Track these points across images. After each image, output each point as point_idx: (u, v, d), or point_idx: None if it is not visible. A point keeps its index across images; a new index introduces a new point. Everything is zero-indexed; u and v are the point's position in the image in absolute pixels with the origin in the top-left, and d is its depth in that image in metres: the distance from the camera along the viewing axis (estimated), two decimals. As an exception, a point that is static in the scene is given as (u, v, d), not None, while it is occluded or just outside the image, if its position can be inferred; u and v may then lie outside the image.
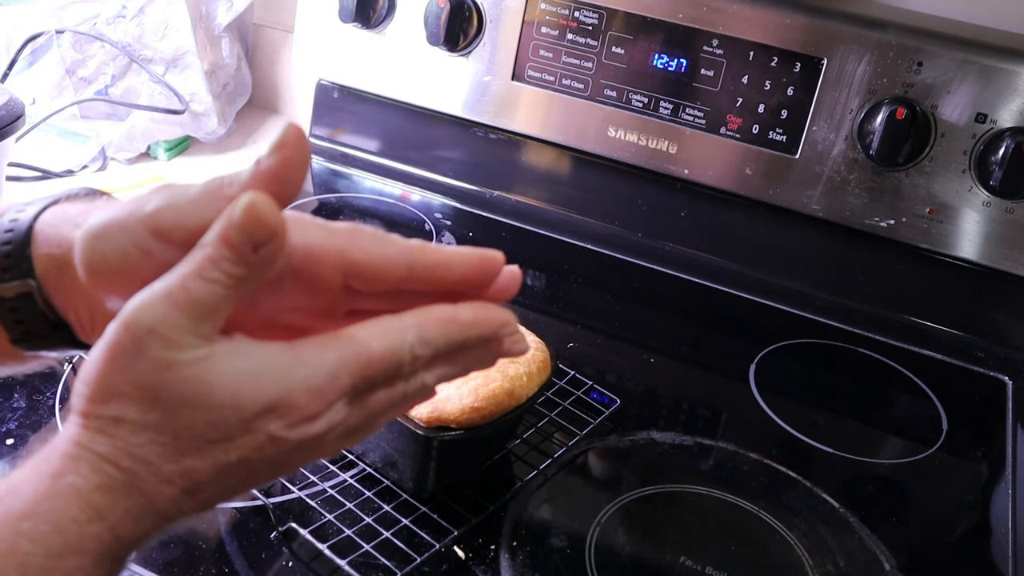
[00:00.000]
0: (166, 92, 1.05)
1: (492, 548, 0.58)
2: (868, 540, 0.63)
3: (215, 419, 0.34)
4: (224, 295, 0.34)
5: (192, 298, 0.33)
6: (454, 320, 0.38)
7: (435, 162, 1.05)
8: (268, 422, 0.35)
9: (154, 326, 0.33)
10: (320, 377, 0.35)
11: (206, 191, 0.36)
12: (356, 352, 0.36)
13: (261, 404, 0.34)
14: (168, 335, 0.33)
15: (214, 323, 0.34)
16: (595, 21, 0.91)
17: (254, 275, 0.34)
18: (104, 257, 0.36)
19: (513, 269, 0.41)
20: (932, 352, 0.86)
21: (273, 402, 0.35)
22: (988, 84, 0.79)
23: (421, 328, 0.37)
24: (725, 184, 0.91)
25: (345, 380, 0.35)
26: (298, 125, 0.36)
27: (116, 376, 0.34)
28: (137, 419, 0.34)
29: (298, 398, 0.35)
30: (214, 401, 0.34)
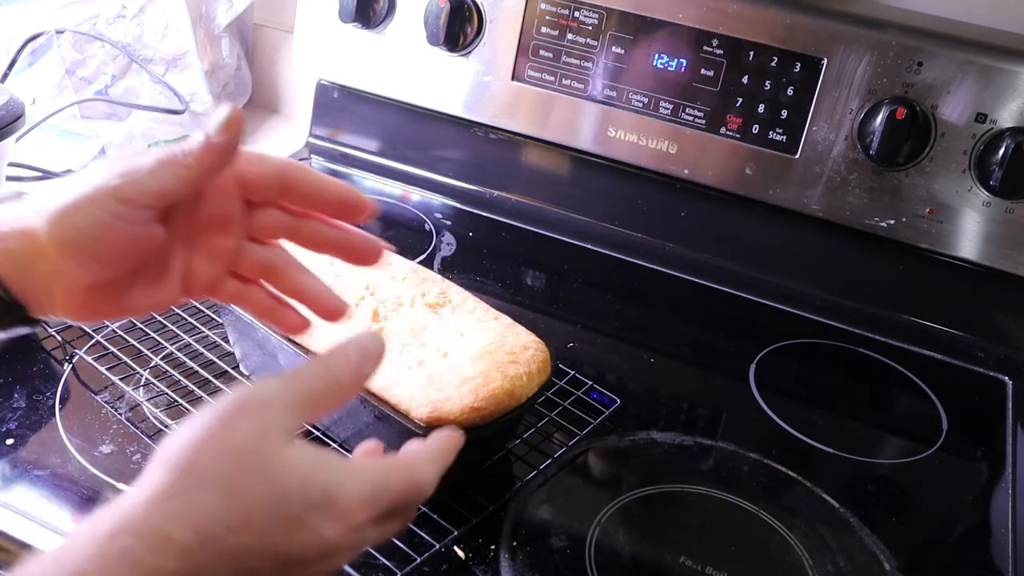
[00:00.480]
0: (166, 92, 1.05)
1: (492, 548, 0.58)
2: (868, 540, 0.63)
3: (281, 499, 0.38)
4: (326, 395, 0.41)
5: (305, 387, 0.41)
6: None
7: (435, 162, 1.05)
8: (321, 519, 0.39)
9: (274, 396, 0.40)
10: (369, 490, 0.40)
11: (163, 162, 0.43)
12: (406, 476, 0.42)
13: (320, 496, 0.39)
14: (278, 407, 0.40)
15: (309, 416, 0.41)
16: (595, 21, 0.91)
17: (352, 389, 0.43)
18: (78, 228, 0.43)
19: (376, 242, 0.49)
20: (932, 352, 0.86)
21: (329, 497, 0.39)
22: (988, 84, 0.79)
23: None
24: (725, 184, 0.91)
25: (386, 501, 0.41)
26: (238, 108, 0.44)
27: (208, 442, 0.38)
28: (217, 476, 0.37)
29: (348, 502, 0.39)
30: (286, 479, 0.38)
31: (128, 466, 0.62)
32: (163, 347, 0.71)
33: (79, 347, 0.71)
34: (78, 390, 0.69)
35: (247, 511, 0.37)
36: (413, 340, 0.59)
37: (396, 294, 0.63)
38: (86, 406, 0.67)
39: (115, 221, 0.43)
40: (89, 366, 0.69)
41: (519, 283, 0.93)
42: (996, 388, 0.83)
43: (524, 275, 0.95)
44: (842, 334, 0.87)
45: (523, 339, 0.62)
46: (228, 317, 0.68)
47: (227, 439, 0.38)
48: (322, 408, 0.42)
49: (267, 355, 0.65)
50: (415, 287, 0.64)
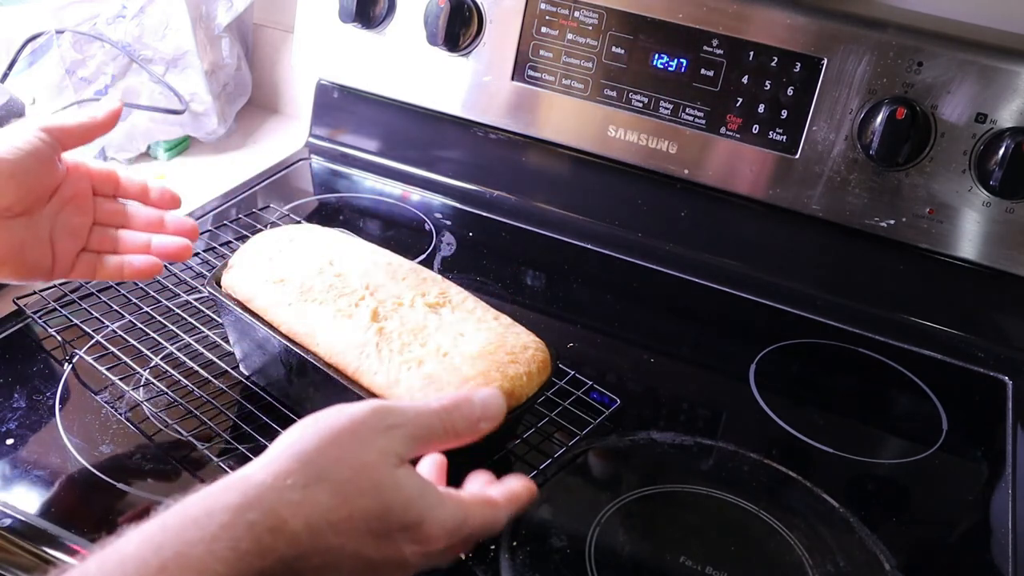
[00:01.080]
0: (166, 92, 1.05)
1: (492, 548, 0.58)
2: (868, 540, 0.63)
3: (383, 514, 0.42)
4: (442, 437, 0.46)
5: (428, 424, 0.46)
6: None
7: (435, 162, 1.05)
8: (407, 541, 0.43)
9: (401, 423, 0.45)
10: (452, 522, 0.45)
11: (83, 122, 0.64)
12: (484, 515, 0.47)
13: (415, 520, 0.43)
14: (401, 433, 0.44)
15: (420, 450, 0.46)
16: (595, 21, 0.91)
17: (464, 439, 0.48)
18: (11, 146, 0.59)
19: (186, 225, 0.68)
20: (932, 352, 0.86)
21: (420, 523, 0.43)
22: (988, 84, 0.79)
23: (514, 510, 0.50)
24: (725, 184, 0.91)
25: (464, 533, 0.45)
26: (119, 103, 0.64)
27: (348, 438, 0.43)
28: (335, 480, 0.41)
29: (434, 530, 0.44)
30: (392, 498, 0.43)
31: (128, 466, 0.62)
32: (163, 347, 0.71)
33: (79, 347, 0.71)
34: (78, 390, 0.69)
35: (352, 517, 0.41)
36: (413, 340, 0.59)
37: (396, 294, 0.63)
38: (86, 406, 0.67)
39: (39, 144, 0.60)
40: (89, 366, 0.69)
41: (519, 283, 0.93)
42: (996, 388, 0.83)
43: (524, 275, 0.95)
44: (842, 334, 0.87)
45: (523, 339, 0.62)
46: (228, 317, 0.68)
47: (354, 450, 0.43)
48: (433, 447, 0.47)
49: (267, 355, 0.65)
50: (415, 287, 0.64)
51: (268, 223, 0.90)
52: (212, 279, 0.67)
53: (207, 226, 0.91)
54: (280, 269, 0.65)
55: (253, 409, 0.66)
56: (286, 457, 0.42)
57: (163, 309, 0.75)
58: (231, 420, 0.65)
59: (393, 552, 0.43)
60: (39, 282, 0.72)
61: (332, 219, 0.99)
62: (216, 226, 0.91)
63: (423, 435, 0.46)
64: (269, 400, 0.67)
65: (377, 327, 0.60)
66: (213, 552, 0.37)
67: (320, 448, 0.42)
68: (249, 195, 1.00)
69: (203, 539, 0.37)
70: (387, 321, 0.60)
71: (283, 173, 1.06)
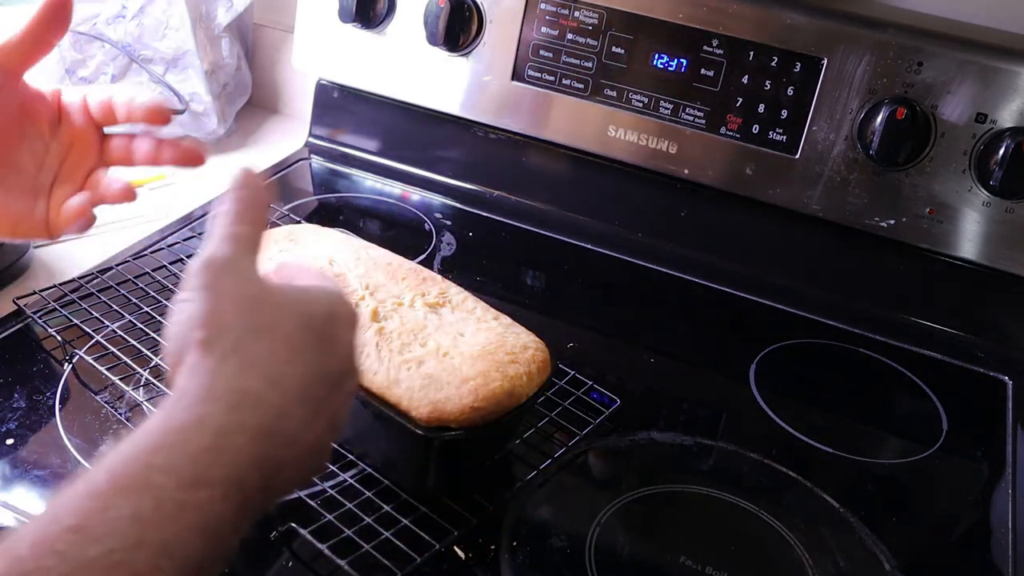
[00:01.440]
0: (166, 92, 1.05)
1: (492, 548, 0.58)
2: (868, 540, 0.63)
3: (307, 322, 0.42)
4: (254, 232, 0.45)
5: (239, 234, 0.44)
6: None
7: (435, 162, 1.05)
8: (340, 327, 0.44)
9: (228, 254, 0.43)
10: (340, 290, 0.46)
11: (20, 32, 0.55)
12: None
13: (326, 307, 0.44)
14: (239, 258, 0.43)
15: (256, 257, 0.44)
16: (595, 21, 0.91)
17: (262, 216, 0.46)
18: None
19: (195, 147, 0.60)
20: (932, 352, 0.86)
21: (332, 306, 0.44)
22: (988, 84, 0.79)
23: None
24: (725, 184, 0.91)
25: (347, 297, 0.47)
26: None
27: (219, 303, 0.41)
28: (249, 326, 0.40)
29: (345, 303, 0.45)
30: (298, 306, 0.43)
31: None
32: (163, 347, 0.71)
33: (79, 347, 0.71)
34: (78, 390, 0.69)
35: (289, 342, 0.41)
36: (413, 340, 0.59)
37: (396, 294, 0.63)
38: (86, 406, 0.67)
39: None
40: (89, 366, 0.69)
41: (519, 283, 0.93)
42: (996, 388, 0.83)
43: (524, 275, 0.95)
44: (842, 334, 0.87)
45: (523, 339, 0.62)
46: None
47: (231, 295, 0.41)
48: (257, 239, 0.45)
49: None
50: (415, 287, 0.64)
51: (268, 223, 0.90)
52: (212, 279, 0.67)
53: (207, 226, 0.91)
54: (280, 269, 0.65)
55: (253, 409, 0.65)
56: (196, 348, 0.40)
57: (163, 309, 0.75)
58: (231, 420, 0.65)
59: (343, 348, 0.44)
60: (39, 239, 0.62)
61: (332, 219, 0.99)
62: (216, 226, 0.91)
63: (245, 247, 0.44)
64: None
65: (377, 327, 0.60)
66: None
67: (210, 317, 0.40)
68: (249, 195, 1.00)
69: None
70: (387, 321, 0.60)
71: (283, 173, 1.06)
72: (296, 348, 0.41)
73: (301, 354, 0.41)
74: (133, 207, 0.94)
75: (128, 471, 0.35)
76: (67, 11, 0.56)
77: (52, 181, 0.58)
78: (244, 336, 0.40)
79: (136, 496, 0.34)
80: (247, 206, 0.45)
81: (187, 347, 0.40)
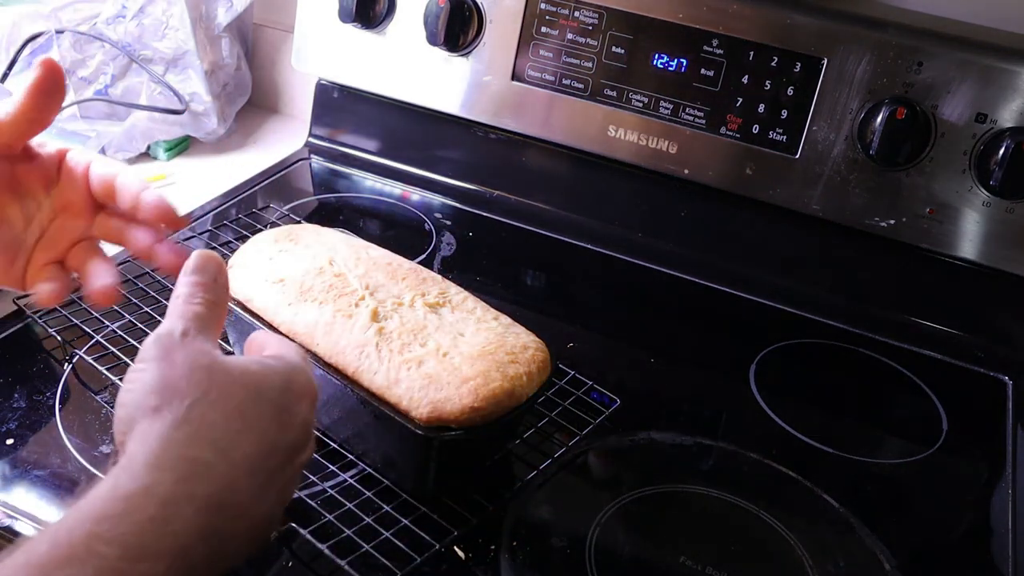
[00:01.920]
0: (166, 92, 1.05)
1: (492, 548, 0.58)
2: (868, 540, 0.63)
3: (260, 393, 0.42)
4: (211, 312, 0.45)
5: (194, 313, 0.44)
6: None
7: (435, 162, 1.05)
8: (295, 401, 0.44)
9: (183, 331, 0.43)
10: (303, 363, 0.47)
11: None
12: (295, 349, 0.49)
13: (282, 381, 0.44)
14: (194, 334, 0.43)
15: (214, 334, 0.45)
16: (595, 21, 0.91)
17: (221, 297, 0.47)
18: None
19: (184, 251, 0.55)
20: (932, 352, 0.86)
21: (288, 379, 0.44)
22: (988, 84, 0.79)
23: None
24: (725, 184, 0.91)
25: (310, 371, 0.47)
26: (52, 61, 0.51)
27: (172, 372, 0.41)
28: (202, 395, 0.40)
29: (305, 377, 0.45)
30: (252, 378, 0.42)
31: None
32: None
33: (79, 347, 0.71)
34: (78, 390, 0.69)
35: (242, 413, 0.40)
36: (413, 340, 0.59)
37: (396, 294, 0.63)
38: (86, 406, 0.67)
39: None
40: (89, 366, 0.69)
41: (519, 283, 0.93)
42: (996, 388, 0.83)
43: (524, 275, 0.95)
44: (842, 334, 0.87)
45: (523, 339, 0.62)
46: (228, 317, 0.68)
47: (184, 366, 0.41)
48: (218, 322, 0.47)
49: (267, 355, 0.65)
50: (415, 287, 0.64)
51: (268, 223, 0.90)
52: (212, 279, 0.67)
53: (207, 226, 0.91)
54: (280, 269, 0.65)
55: (253, 409, 0.65)
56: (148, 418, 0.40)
57: (163, 309, 0.75)
58: (231, 420, 0.65)
59: (297, 420, 0.43)
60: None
61: (332, 219, 0.99)
62: (216, 226, 0.91)
63: (197, 313, 0.45)
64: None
65: (377, 327, 0.60)
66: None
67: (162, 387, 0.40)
68: (249, 195, 1.00)
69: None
70: (387, 321, 0.60)
71: (283, 173, 1.06)
72: (248, 419, 0.41)
73: (254, 425, 0.41)
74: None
75: (71, 540, 0.34)
76: (60, 84, 0.52)
77: (37, 240, 0.56)
78: (195, 405, 0.40)
79: (78, 566, 0.33)
80: (204, 288, 0.46)
81: (138, 414, 0.40)
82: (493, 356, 0.59)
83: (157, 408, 0.39)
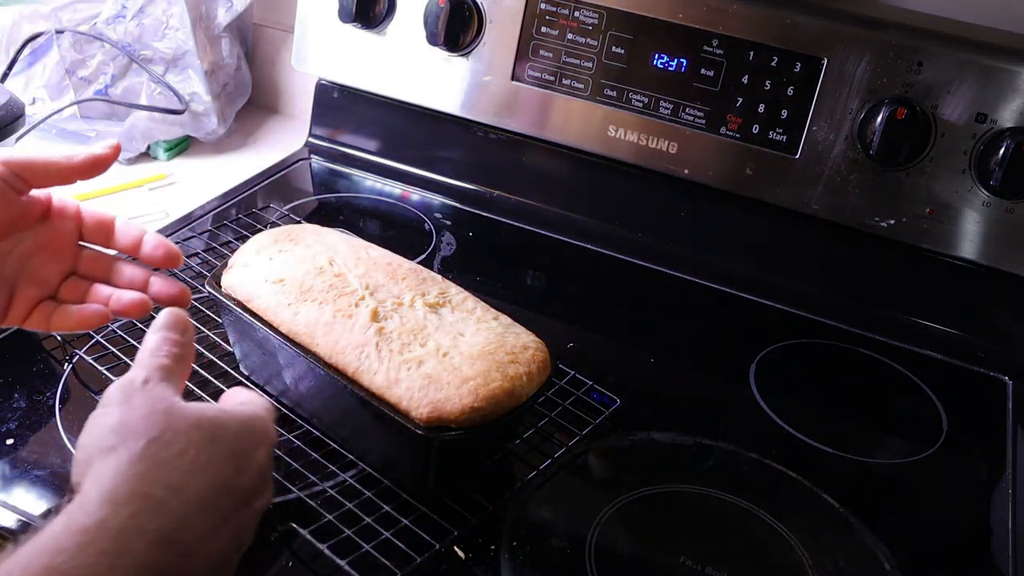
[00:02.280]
0: (166, 92, 1.05)
1: (492, 548, 0.58)
2: (868, 540, 0.63)
3: (216, 436, 0.44)
4: (175, 364, 0.47)
5: (158, 364, 0.46)
6: None
7: (435, 162, 1.05)
8: (253, 447, 0.45)
9: (145, 377, 0.45)
10: (266, 412, 0.49)
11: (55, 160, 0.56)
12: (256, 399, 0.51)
13: (240, 426, 0.45)
14: (156, 382, 0.45)
15: (176, 384, 0.47)
16: (595, 21, 0.91)
17: (187, 351, 0.49)
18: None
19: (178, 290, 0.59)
20: (932, 352, 0.86)
21: (247, 426, 0.46)
22: (988, 84, 0.79)
23: None
24: (725, 184, 0.91)
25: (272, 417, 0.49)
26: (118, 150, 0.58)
27: (130, 415, 0.43)
28: (158, 436, 0.42)
29: (264, 424, 0.47)
30: (209, 423, 0.44)
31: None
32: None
33: (79, 347, 0.71)
34: (78, 390, 0.69)
35: (197, 454, 0.42)
36: (413, 340, 0.59)
37: (396, 294, 0.63)
38: (86, 406, 0.67)
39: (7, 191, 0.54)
40: (89, 366, 0.69)
41: (519, 283, 0.93)
42: (996, 388, 0.83)
43: (524, 275, 0.95)
44: (842, 334, 0.87)
45: (523, 339, 0.62)
46: (228, 317, 0.68)
47: (143, 409, 0.43)
48: (182, 374, 0.49)
49: (266, 355, 0.65)
50: (415, 287, 0.64)
51: (268, 223, 0.90)
52: (212, 279, 0.67)
53: (207, 226, 0.91)
54: (280, 269, 0.65)
55: (253, 409, 0.66)
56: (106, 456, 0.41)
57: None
58: (231, 420, 0.65)
59: (253, 465, 0.45)
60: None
61: (332, 219, 0.99)
62: (216, 226, 0.91)
63: (162, 363, 0.47)
64: (268, 400, 0.67)
65: (377, 327, 0.60)
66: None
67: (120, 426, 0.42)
68: (249, 195, 1.00)
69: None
70: (387, 321, 0.60)
71: (283, 173, 1.06)
72: (203, 459, 0.42)
73: (207, 465, 0.42)
74: (133, 207, 0.95)
75: (27, 574, 0.35)
76: (106, 167, 0.57)
77: (17, 274, 0.57)
78: (151, 444, 0.41)
79: None
80: (172, 343, 0.48)
81: (95, 454, 0.41)
82: (493, 356, 0.59)
83: (113, 447, 0.41)
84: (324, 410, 0.63)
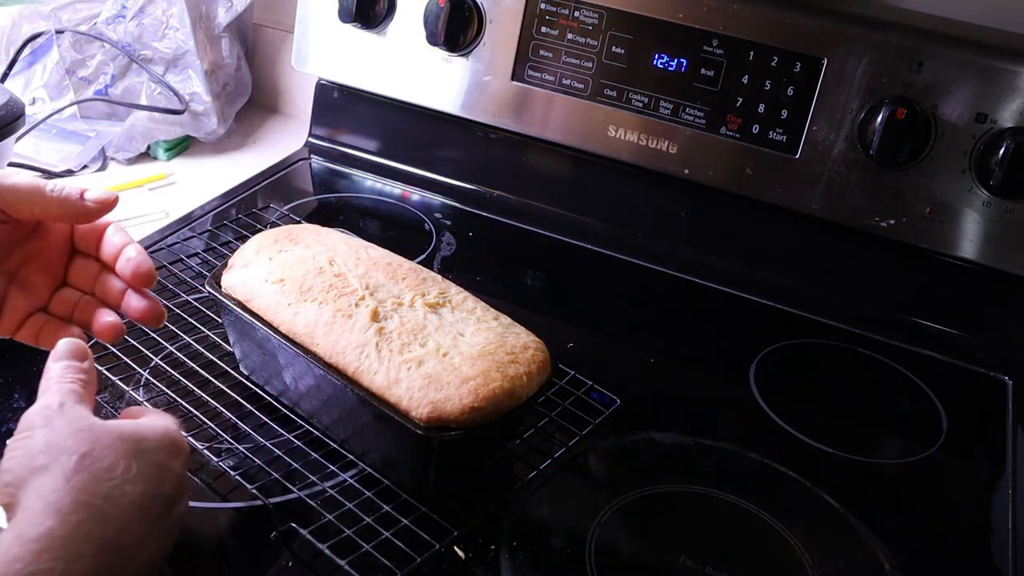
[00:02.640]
0: (166, 92, 1.05)
1: (492, 548, 0.58)
2: (868, 540, 0.63)
3: (139, 447, 0.46)
4: (83, 388, 0.49)
5: (68, 389, 0.49)
6: None
7: (435, 162, 1.05)
8: (171, 457, 0.47)
9: (60, 401, 0.47)
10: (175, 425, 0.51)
11: (34, 187, 0.54)
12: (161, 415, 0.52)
13: (160, 436, 0.48)
14: (71, 404, 0.47)
15: (89, 405, 0.49)
16: (595, 21, 0.91)
17: (91, 376, 0.51)
18: None
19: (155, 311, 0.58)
20: (932, 352, 0.86)
21: (166, 436, 0.48)
22: (988, 84, 0.79)
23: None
24: (725, 184, 0.91)
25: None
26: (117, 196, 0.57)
27: (56, 434, 0.45)
28: (87, 450, 0.44)
29: (179, 435, 0.49)
30: (132, 435, 0.46)
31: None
32: (163, 347, 0.71)
33: (79, 347, 0.71)
34: (78, 390, 0.68)
35: (128, 465, 0.44)
36: (413, 340, 0.59)
37: (396, 294, 0.63)
38: (86, 406, 0.67)
39: None
40: (89, 366, 0.69)
41: (519, 283, 0.93)
42: (996, 388, 0.83)
43: (524, 275, 0.95)
44: (842, 334, 0.87)
45: (523, 339, 0.62)
46: (228, 317, 0.68)
47: (66, 428, 0.45)
48: (90, 397, 0.50)
49: (266, 355, 0.65)
50: (415, 287, 0.64)
51: (268, 223, 0.90)
52: (212, 279, 0.67)
53: (207, 226, 0.91)
54: (280, 269, 0.65)
55: (253, 409, 0.66)
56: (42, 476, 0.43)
57: (163, 309, 0.75)
58: (231, 420, 0.65)
59: (172, 475, 0.47)
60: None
61: (332, 219, 0.99)
62: (216, 226, 0.91)
63: (72, 388, 0.49)
64: (269, 400, 0.67)
65: (377, 327, 0.60)
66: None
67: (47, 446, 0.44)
68: (249, 195, 1.00)
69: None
70: (387, 321, 0.60)
71: (283, 173, 1.06)
72: (133, 471, 0.44)
73: (136, 476, 0.45)
74: (133, 207, 0.95)
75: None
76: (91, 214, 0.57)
77: (7, 285, 0.57)
78: (84, 459, 0.43)
79: None
80: (75, 370, 0.50)
81: (27, 474, 0.43)
82: (493, 356, 0.59)
83: (46, 465, 0.43)
84: (324, 410, 0.63)
